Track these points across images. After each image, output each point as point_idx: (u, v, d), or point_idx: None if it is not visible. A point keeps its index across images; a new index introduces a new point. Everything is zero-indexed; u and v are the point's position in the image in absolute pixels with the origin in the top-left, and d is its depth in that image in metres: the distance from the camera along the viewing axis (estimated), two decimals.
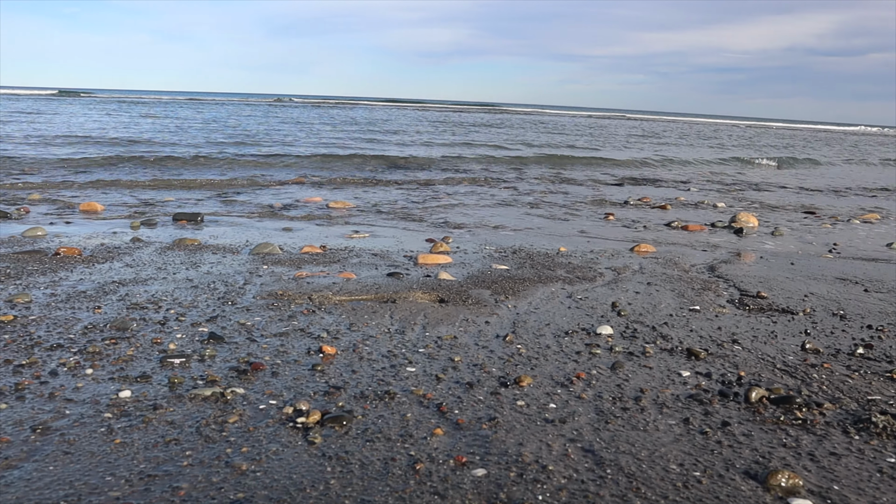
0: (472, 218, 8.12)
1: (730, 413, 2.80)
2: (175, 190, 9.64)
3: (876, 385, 3.18)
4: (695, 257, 6.19)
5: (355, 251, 5.77)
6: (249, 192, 9.69)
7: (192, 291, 4.27)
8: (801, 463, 2.39)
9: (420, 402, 2.78)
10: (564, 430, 2.57)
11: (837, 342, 3.82)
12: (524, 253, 5.98)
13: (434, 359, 3.29)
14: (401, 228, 7.18)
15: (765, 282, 5.27)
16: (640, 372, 3.24)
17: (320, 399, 2.78)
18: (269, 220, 7.43)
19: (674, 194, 11.57)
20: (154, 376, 2.93)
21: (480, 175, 13.27)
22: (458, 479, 2.19)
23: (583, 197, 10.79)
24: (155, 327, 3.57)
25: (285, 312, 3.93)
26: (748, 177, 16.10)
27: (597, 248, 6.45)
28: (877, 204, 11.73)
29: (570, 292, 4.68)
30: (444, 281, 4.81)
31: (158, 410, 2.61)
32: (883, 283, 5.41)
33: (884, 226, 9.09)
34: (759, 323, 4.14)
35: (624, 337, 3.76)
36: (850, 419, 2.77)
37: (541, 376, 3.12)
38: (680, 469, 2.31)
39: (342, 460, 2.29)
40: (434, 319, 3.92)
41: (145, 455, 2.27)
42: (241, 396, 2.77)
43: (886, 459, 2.44)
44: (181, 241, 5.80)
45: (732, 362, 3.43)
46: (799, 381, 3.20)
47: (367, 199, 9.43)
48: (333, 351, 3.32)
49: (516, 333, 3.73)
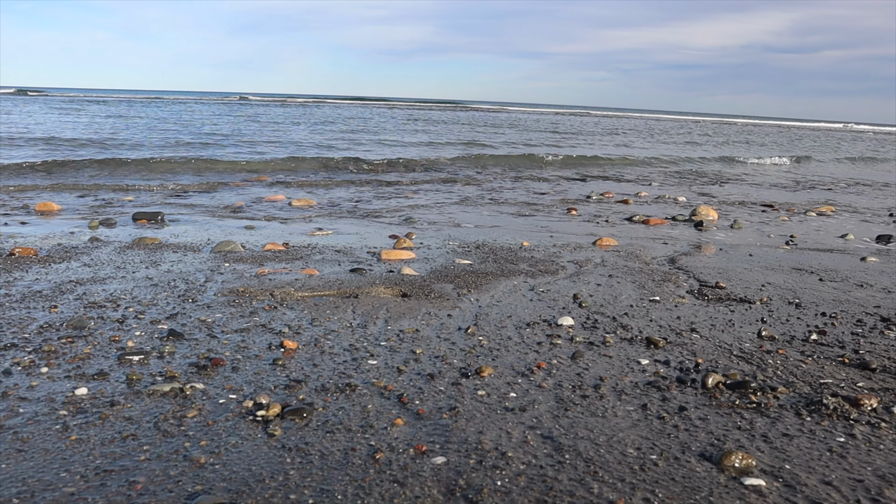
0: (436, 214, 8.14)
1: (687, 398, 2.85)
2: (135, 191, 9.50)
3: (828, 369, 3.26)
4: (655, 250, 6.28)
5: (318, 248, 5.74)
6: (212, 192, 9.59)
7: (151, 290, 4.22)
8: (755, 444, 2.45)
9: (381, 394, 2.78)
10: (524, 418, 2.60)
11: (792, 329, 3.91)
12: (487, 248, 6.01)
13: (396, 351, 3.30)
14: (364, 226, 7.17)
15: (723, 273, 5.36)
16: (600, 361, 3.28)
17: (281, 392, 2.77)
18: (232, 218, 7.36)
19: (635, 189, 11.69)
20: (112, 373, 2.89)
21: (445, 172, 13.28)
22: (418, 467, 2.20)
23: (546, 193, 10.86)
24: (113, 325, 3.52)
25: (247, 309, 3.90)
26: (707, 171, 16.33)
27: (559, 242, 6.51)
28: (830, 197, 11.99)
29: (532, 285, 4.71)
30: (406, 276, 4.82)
31: (116, 407, 2.58)
32: (837, 272, 5.54)
33: (838, 218, 9.29)
34: (718, 312, 4.22)
35: (585, 327, 3.80)
36: (803, 402, 2.83)
37: (502, 367, 3.14)
38: (637, 453, 2.35)
39: (302, 451, 2.29)
40: (396, 313, 3.92)
41: (101, 451, 2.25)
42: (200, 391, 2.75)
43: (836, 439, 2.50)
44: (141, 240, 5.72)
45: (690, 350, 3.48)
46: (754, 366, 3.27)
47: (332, 198, 9.39)
48: (295, 345, 3.30)
49: (478, 326, 3.75)
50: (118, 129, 20.66)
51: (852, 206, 10.71)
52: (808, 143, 36.50)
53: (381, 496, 2.02)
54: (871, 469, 2.29)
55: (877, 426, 2.62)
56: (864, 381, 3.10)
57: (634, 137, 31.07)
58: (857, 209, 10.39)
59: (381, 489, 2.06)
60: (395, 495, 2.03)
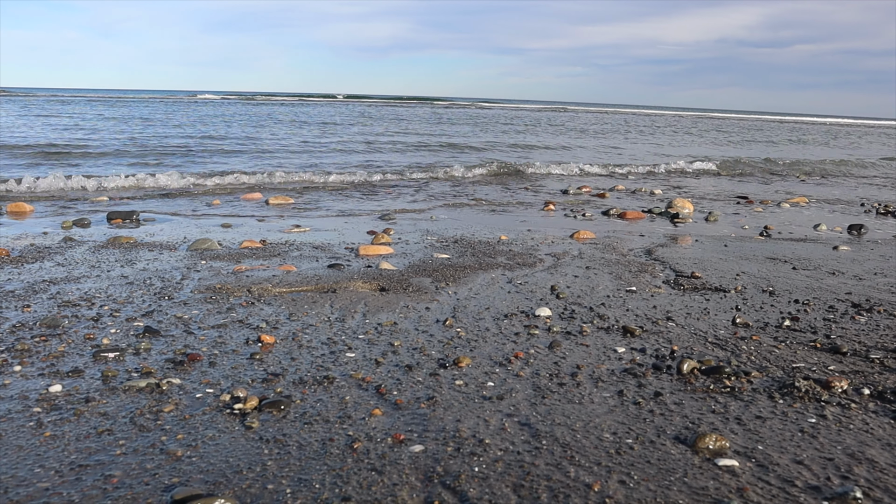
0: (415, 210, 8.14)
1: (662, 384, 2.88)
2: (110, 191, 9.40)
3: (801, 354, 3.31)
4: (632, 242, 6.33)
5: (296, 245, 5.73)
6: (187, 192, 9.51)
7: (127, 288, 4.19)
8: (729, 427, 2.48)
9: (359, 385, 2.79)
10: (502, 406, 2.61)
11: (766, 316, 3.96)
12: (465, 242, 6.02)
13: (374, 344, 3.30)
14: (342, 222, 7.15)
15: (699, 263, 5.41)
16: (577, 350, 3.30)
17: (258, 386, 2.76)
18: (208, 217, 7.31)
19: (612, 183, 11.76)
20: (86, 370, 2.87)
21: (423, 168, 13.28)
22: (396, 455, 2.21)
23: (524, 187, 10.89)
24: (88, 323, 3.49)
25: (224, 305, 3.88)
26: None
27: (537, 235, 6.53)
28: (805, 189, 12.14)
29: (510, 278, 4.73)
30: (385, 270, 4.82)
31: (91, 403, 2.56)
32: (810, 261, 5.61)
33: (812, 209, 9.41)
34: (693, 301, 4.26)
35: (562, 318, 3.83)
36: (776, 385, 2.87)
37: (480, 357, 3.15)
38: (613, 437, 2.37)
39: (280, 443, 2.29)
40: (374, 307, 3.93)
41: (76, 446, 2.23)
42: (177, 386, 2.73)
43: (808, 420, 2.54)
44: (116, 240, 5.67)
45: (666, 338, 3.52)
46: (729, 352, 3.31)
47: (310, 197, 9.35)
48: (272, 340, 3.30)
49: (456, 318, 3.76)
50: (88, 130, 20.41)
51: (825, 198, 10.85)
52: (785, 134, 36.90)
53: (358, 484, 2.03)
54: (840, 448, 2.33)
55: (847, 407, 2.67)
56: (836, 365, 3.15)
57: (616, 135, 31.23)
58: (830, 200, 10.53)
59: (359, 477, 2.07)
60: (372, 483, 2.04)
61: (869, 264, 5.54)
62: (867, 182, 14.07)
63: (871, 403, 2.72)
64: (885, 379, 2.97)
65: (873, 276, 5.07)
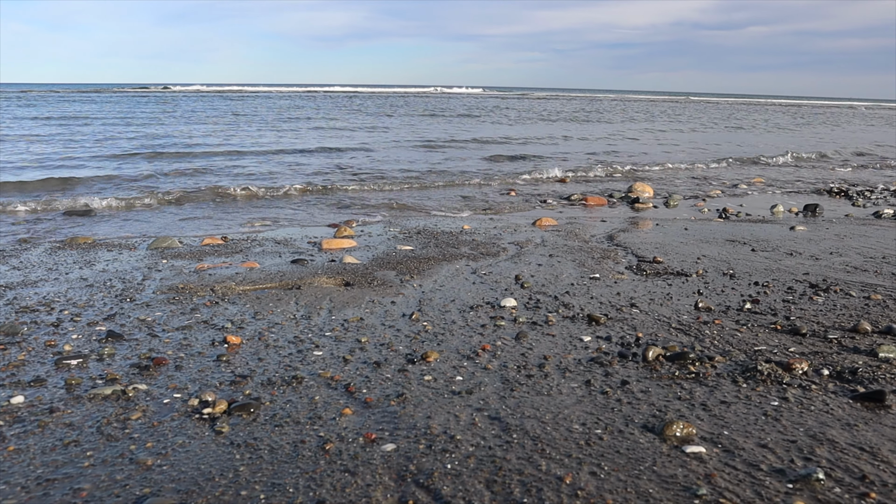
0: (375, 201, 8.10)
1: (629, 372, 2.92)
2: (68, 189, 9.19)
3: (762, 336, 3.38)
4: (594, 228, 6.39)
5: (258, 240, 5.67)
6: (143, 183, 9.34)
7: (87, 290, 4.11)
8: (695, 413, 2.53)
9: (328, 385, 2.78)
10: (471, 401, 2.63)
11: (727, 300, 4.03)
12: (428, 233, 6.02)
13: (341, 341, 3.29)
14: (306, 214, 7.10)
15: (660, 247, 5.49)
16: (544, 340, 3.33)
17: (226, 389, 2.74)
18: (167, 214, 7.19)
19: (573, 165, 11.84)
20: (49, 379, 2.82)
21: (378, 160, 13.22)
22: (368, 455, 2.22)
23: (484, 173, 10.91)
24: (48, 330, 3.42)
25: (187, 306, 3.84)
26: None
27: (500, 224, 6.56)
28: (760, 171, 12.36)
29: (474, 268, 4.75)
30: (349, 264, 4.80)
31: (55, 413, 2.52)
32: (768, 242, 5.73)
33: (768, 190, 9.60)
34: (656, 286, 4.32)
35: (527, 308, 3.85)
36: (739, 369, 2.94)
37: (447, 351, 3.17)
38: (582, 428, 2.40)
39: (251, 447, 2.27)
40: (340, 303, 3.91)
41: (42, 460, 2.19)
42: (143, 392, 2.70)
43: (770, 403, 2.60)
44: (73, 240, 5.56)
45: (631, 325, 3.57)
46: (692, 337, 3.37)
47: (273, 189, 9.24)
48: (238, 340, 3.27)
49: (422, 311, 3.76)
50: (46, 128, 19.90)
51: (781, 179, 11.07)
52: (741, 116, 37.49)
53: (332, 486, 2.03)
54: (803, 430, 2.39)
55: (808, 388, 2.74)
56: (796, 346, 3.23)
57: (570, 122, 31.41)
58: (786, 181, 10.74)
59: (333, 479, 2.07)
60: (346, 485, 2.04)
61: (825, 244, 5.68)
62: (825, 164, 14.38)
63: (830, 384, 2.79)
64: (842, 359, 3.06)
65: (829, 256, 5.19)
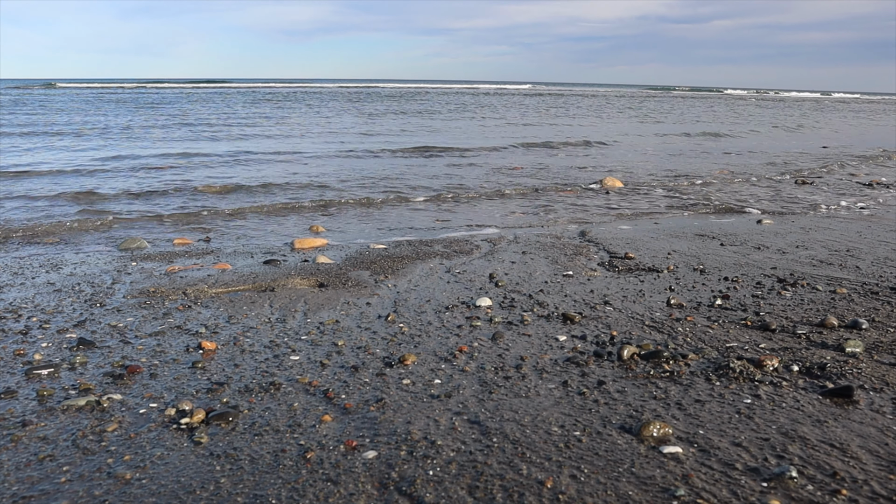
0: (347, 198, 8.07)
1: (605, 372, 2.96)
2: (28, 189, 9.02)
3: (733, 333, 3.44)
4: (565, 222, 6.43)
5: (230, 240, 5.62)
6: (110, 177, 9.20)
7: (55, 296, 4.05)
8: (671, 413, 2.57)
9: (306, 391, 2.77)
10: (451, 405, 2.64)
11: (698, 295, 4.09)
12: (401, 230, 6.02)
13: (317, 345, 3.28)
14: (275, 213, 7.05)
15: (632, 242, 5.55)
16: (520, 340, 3.35)
17: (203, 397, 2.72)
18: (136, 213, 7.10)
19: (545, 159, 11.90)
20: (20, 391, 2.77)
21: (349, 156, 13.17)
22: (350, 463, 2.22)
23: (455, 168, 10.91)
24: (16, 338, 3.36)
25: (159, 310, 3.79)
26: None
27: (472, 220, 6.57)
28: (728, 162, 12.53)
29: (448, 267, 4.76)
30: (322, 265, 4.78)
31: (28, 427, 2.48)
32: (736, 236, 5.82)
33: (734, 182, 9.73)
34: (628, 283, 4.37)
35: (503, 307, 3.88)
36: (712, 367, 2.99)
37: (425, 353, 3.17)
38: (561, 431, 2.43)
39: (231, 457, 2.26)
40: (315, 305, 3.90)
41: (17, 476, 2.16)
42: (118, 402, 2.67)
43: (743, 401, 2.65)
44: (38, 242, 5.46)
45: (605, 323, 3.61)
46: (666, 335, 3.41)
47: (240, 187, 9.16)
48: (213, 346, 3.24)
49: (398, 312, 3.77)
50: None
51: (747, 171, 11.23)
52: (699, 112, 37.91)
53: (315, 496, 2.03)
54: (775, 427, 2.44)
55: (779, 385, 2.80)
56: (766, 342, 3.29)
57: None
58: (753, 173, 10.90)
59: (315, 489, 2.07)
60: (329, 494, 2.04)
61: (791, 237, 5.78)
62: (784, 155, 14.63)
63: (800, 380, 2.85)
64: (811, 354, 3.12)
65: (795, 250, 5.29)
